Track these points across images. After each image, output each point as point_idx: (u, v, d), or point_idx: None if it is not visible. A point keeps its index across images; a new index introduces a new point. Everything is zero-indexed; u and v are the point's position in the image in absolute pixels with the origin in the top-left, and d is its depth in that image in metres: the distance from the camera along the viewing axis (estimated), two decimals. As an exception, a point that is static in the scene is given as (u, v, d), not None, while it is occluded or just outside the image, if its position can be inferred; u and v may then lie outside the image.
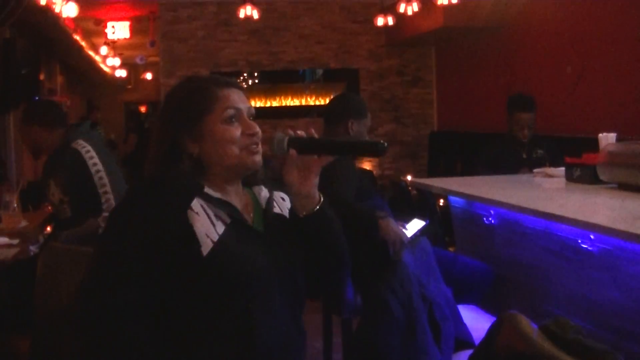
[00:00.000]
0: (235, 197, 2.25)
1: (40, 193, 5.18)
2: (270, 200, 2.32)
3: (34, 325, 3.30)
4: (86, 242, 3.56)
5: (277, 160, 2.25)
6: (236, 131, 2.19)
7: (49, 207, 5.80)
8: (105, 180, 4.51)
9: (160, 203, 2.07)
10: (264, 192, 2.35)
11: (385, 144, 2.09)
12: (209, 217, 2.10)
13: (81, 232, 4.47)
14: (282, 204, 2.35)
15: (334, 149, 2.18)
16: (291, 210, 2.27)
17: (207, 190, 2.16)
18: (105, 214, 4.50)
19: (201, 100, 2.20)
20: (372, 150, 2.14)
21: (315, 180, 2.19)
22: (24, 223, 5.18)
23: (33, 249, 4.68)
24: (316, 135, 2.17)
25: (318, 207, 2.21)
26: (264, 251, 2.15)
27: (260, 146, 2.22)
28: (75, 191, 4.53)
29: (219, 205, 2.14)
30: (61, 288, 2.95)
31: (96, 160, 4.53)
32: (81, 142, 4.59)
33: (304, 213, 2.21)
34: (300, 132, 2.17)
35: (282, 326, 2.15)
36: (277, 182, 2.36)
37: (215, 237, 2.07)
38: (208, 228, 2.07)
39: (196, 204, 2.11)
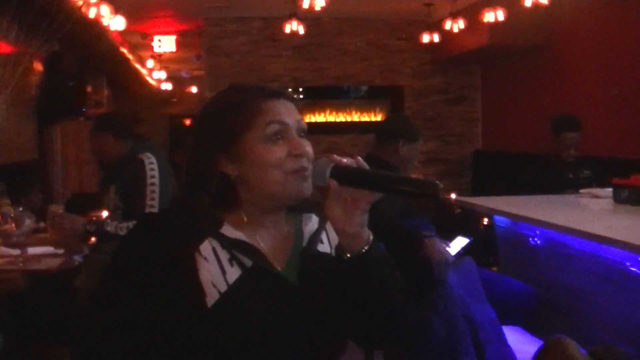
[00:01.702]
0: (273, 230, 1.95)
1: (86, 203, 5.22)
2: (315, 236, 1.99)
3: (74, 335, 3.32)
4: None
5: (318, 190, 1.90)
6: (280, 151, 1.86)
7: (93, 218, 5.85)
8: (156, 195, 4.56)
9: (165, 243, 1.80)
10: (311, 224, 2.02)
11: (441, 185, 1.74)
12: (220, 263, 1.81)
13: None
14: (334, 237, 1.99)
15: (382, 185, 1.79)
16: (336, 249, 1.88)
17: (225, 228, 1.85)
18: None
19: (239, 114, 1.88)
20: (425, 192, 1.74)
21: (363, 218, 1.81)
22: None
23: (77, 258, 4.72)
24: (365, 165, 1.81)
25: (366, 249, 1.83)
26: (288, 303, 1.84)
27: (309, 170, 1.87)
28: (130, 199, 4.60)
29: (238, 248, 1.84)
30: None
31: (155, 174, 4.60)
32: (149, 154, 4.68)
33: (348, 255, 1.83)
34: (347, 160, 1.81)
35: None
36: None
37: (224, 288, 1.78)
38: (216, 276, 1.79)
39: (206, 246, 1.81)
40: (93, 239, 5.10)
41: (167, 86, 18.42)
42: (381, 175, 1.80)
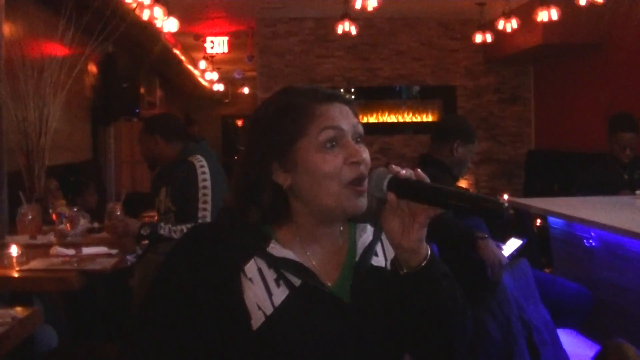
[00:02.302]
0: (326, 244, 1.84)
1: (139, 203, 5.27)
2: (369, 249, 1.87)
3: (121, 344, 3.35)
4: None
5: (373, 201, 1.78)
6: (336, 160, 1.73)
7: (146, 218, 5.91)
8: (209, 197, 4.57)
9: (211, 261, 1.72)
10: (366, 235, 1.88)
11: (507, 206, 1.61)
12: (266, 284, 1.72)
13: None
14: (388, 250, 1.89)
15: (443, 201, 1.66)
16: (392, 263, 1.77)
17: (272, 246, 1.75)
18: None
19: (291, 120, 1.75)
20: (490, 211, 1.61)
21: (421, 233, 1.68)
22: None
23: (130, 258, 4.76)
24: (425, 178, 1.68)
25: (424, 264, 1.71)
26: (339, 322, 1.74)
27: (366, 181, 1.74)
28: (182, 202, 4.63)
29: (285, 267, 1.74)
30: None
31: (207, 177, 4.61)
32: (199, 157, 4.69)
33: (405, 270, 1.72)
34: (406, 172, 1.68)
35: None
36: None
37: (269, 310, 1.69)
38: (261, 298, 1.70)
39: (252, 267, 1.73)
40: (147, 217, 5.16)
41: (220, 87, 18.57)
42: (442, 191, 1.68)
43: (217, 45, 13.67)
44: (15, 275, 3.93)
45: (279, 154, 1.75)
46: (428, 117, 12.46)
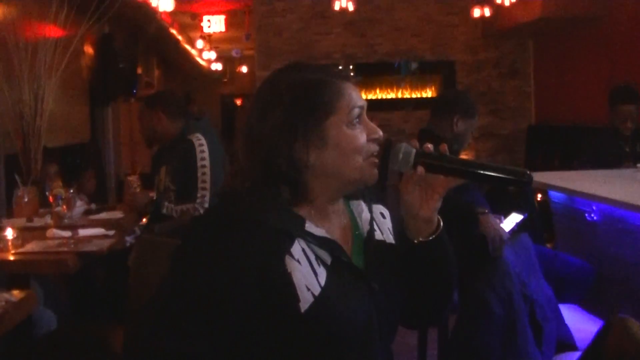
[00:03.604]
0: (337, 220, 1.89)
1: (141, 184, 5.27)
2: (372, 224, 1.94)
3: (126, 316, 3.32)
4: (179, 235, 3.57)
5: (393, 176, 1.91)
6: (362, 136, 1.80)
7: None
8: (207, 177, 4.57)
9: (250, 245, 1.69)
10: (365, 213, 1.96)
11: (530, 174, 1.75)
12: (311, 264, 1.73)
13: (175, 225, 4.51)
14: (382, 222, 1.99)
15: (470, 174, 1.79)
16: (400, 234, 1.92)
17: (308, 225, 1.77)
18: (197, 206, 4.56)
19: (324, 96, 1.79)
20: (515, 181, 1.77)
21: (439, 204, 1.83)
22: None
23: (129, 239, 4.74)
24: (447, 152, 1.81)
25: (438, 234, 1.86)
26: (366, 295, 1.80)
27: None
28: (181, 181, 4.61)
29: (322, 245, 1.76)
30: (153, 280, 2.94)
31: (205, 155, 4.60)
32: (199, 135, 4.69)
33: (420, 239, 1.86)
34: (429, 146, 1.81)
35: None
36: (372, 191, 2.00)
37: (317, 290, 1.71)
38: (309, 279, 1.71)
39: (297, 247, 1.72)
40: (144, 219, 5.15)
41: (218, 66, 18.55)
42: (468, 163, 1.82)
43: (214, 24, 13.63)
44: (11, 258, 3.91)
45: (309, 130, 1.77)
46: (427, 93, 12.40)
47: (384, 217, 2.01)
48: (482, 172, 1.78)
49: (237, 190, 1.84)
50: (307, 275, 1.71)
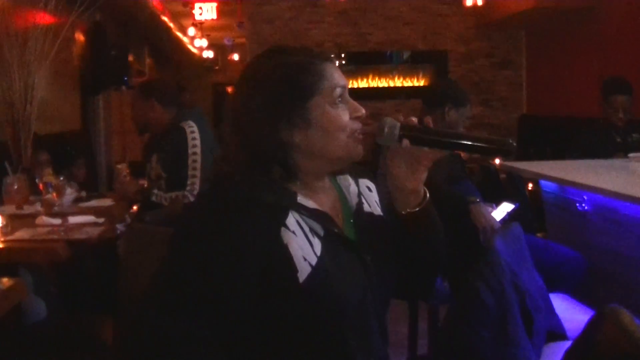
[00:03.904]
0: (325, 196, 1.95)
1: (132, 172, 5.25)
2: (360, 197, 2.02)
3: (117, 305, 3.31)
4: (170, 223, 3.56)
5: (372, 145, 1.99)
6: (345, 115, 1.86)
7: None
8: (198, 164, 4.57)
9: (249, 221, 1.75)
10: (352, 186, 2.02)
11: (514, 143, 1.81)
12: (306, 235, 1.79)
13: (165, 213, 4.50)
14: (369, 195, 2.05)
15: (454, 144, 1.86)
16: (387, 206, 1.99)
17: (300, 199, 1.83)
18: (187, 194, 4.55)
19: (307, 78, 1.84)
20: (498, 150, 1.85)
21: (425, 175, 1.89)
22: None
23: (120, 227, 4.72)
24: (432, 125, 1.87)
25: (424, 204, 1.92)
26: (359, 266, 1.87)
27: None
28: (173, 169, 4.60)
29: (314, 217, 1.83)
30: (143, 268, 2.92)
31: (197, 142, 4.60)
32: (191, 122, 4.69)
33: (407, 210, 1.91)
34: (413, 119, 1.86)
35: (377, 347, 1.92)
36: (357, 166, 2.05)
37: (314, 260, 1.76)
38: (306, 249, 1.77)
39: (291, 220, 1.79)
40: (135, 207, 5.14)
41: (209, 54, 18.50)
42: (451, 134, 1.89)
43: (206, 11, 13.55)
44: (0, 245, 3.89)
45: (293, 110, 1.83)
46: (419, 82, 12.41)
47: (370, 190, 2.08)
48: (465, 142, 1.84)
49: (228, 173, 1.87)
50: (303, 245, 1.77)
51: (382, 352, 1.94)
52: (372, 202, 2.05)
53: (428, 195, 1.94)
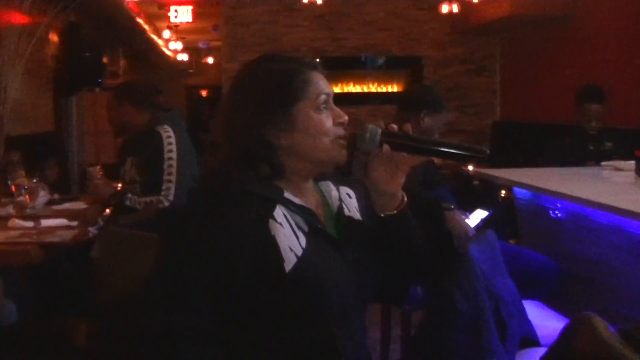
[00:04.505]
0: (309, 197, 2.05)
1: (107, 174, 5.21)
2: (341, 200, 2.13)
3: (91, 308, 3.29)
4: (144, 227, 3.55)
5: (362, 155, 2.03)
6: (328, 120, 1.98)
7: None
8: (173, 169, 4.54)
9: (240, 213, 1.86)
10: (334, 191, 2.15)
11: (487, 151, 1.97)
12: (292, 228, 1.90)
13: (139, 217, 4.48)
14: (349, 201, 2.16)
15: (432, 151, 1.98)
16: (367, 210, 2.10)
17: (287, 195, 1.95)
18: (162, 199, 4.52)
19: (293, 83, 1.96)
20: (474, 157, 2.01)
21: (403, 180, 2.02)
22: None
23: (92, 230, 4.69)
24: (410, 132, 1.99)
25: (403, 208, 2.05)
26: (342, 262, 1.97)
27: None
28: (148, 173, 4.57)
29: (300, 212, 1.95)
30: (118, 272, 2.93)
31: (173, 147, 4.57)
32: (167, 127, 4.66)
33: (386, 213, 2.04)
34: (394, 126, 1.99)
35: (359, 340, 2.03)
36: (338, 175, 2.17)
37: (300, 252, 1.87)
38: (292, 240, 1.88)
39: (278, 212, 1.90)
40: (108, 210, 5.11)
41: (184, 57, 18.44)
42: (431, 141, 2.03)
43: (182, 14, 13.52)
44: (-29, 248, 3.86)
45: (279, 114, 1.94)
46: (394, 88, 12.40)
47: (350, 197, 2.18)
48: (442, 149, 1.97)
49: (218, 171, 2.00)
50: (289, 237, 1.88)
51: (364, 345, 2.06)
52: (352, 208, 2.14)
53: (406, 199, 2.06)
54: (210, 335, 1.82)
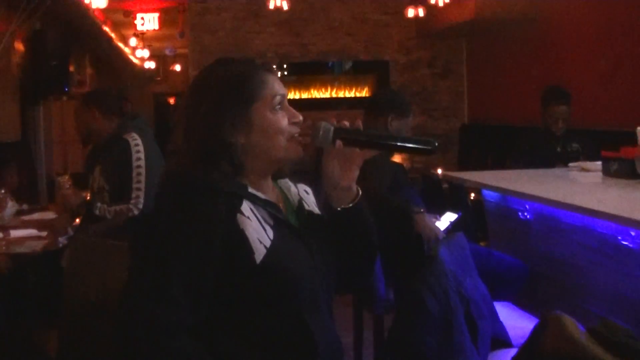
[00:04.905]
0: (270, 194, 2.13)
1: (75, 183, 5.18)
2: (300, 198, 2.24)
3: (61, 318, 3.27)
4: (114, 236, 3.53)
5: (309, 152, 2.15)
6: (283, 120, 2.08)
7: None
8: (142, 177, 4.51)
9: (208, 209, 1.92)
10: (293, 188, 2.26)
11: (437, 143, 2.06)
12: (259, 221, 1.98)
13: (109, 225, 4.46)
14: (307, 197, 2.27)
15: (382, 145, 2.13)
16: (325, 204, 2.18)
17: (251, 190, 2.03)
18: (131, 207, 4.49)
19: (248, 86, 2.05)
20: (423, 150, 2.08)
21: (356, 174, 2.11)
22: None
23: (62, 240, 4.67)
24: (362, 127, 2.10)
25: (357, 200, 2.14)
26: (307, 253, 2.06)
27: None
28: (116, 181, 4.55)
29: (264, 206, 2.03)
30: (89, 281, 2.91)
31: (141, 155, 4.55)
32: (134, 135, 4.64)
33: (342, 206, 2.13)
34: (346, 123, 2.09)
35: (329, 325, 2.11)
36: (296, 174, 2.27)
37: (268, 243, 1.95)
38: (260, 233, 1.96)
39: (245, 207, 1.97)
40: (78, 220, 5.07)
41: (151, 64, 18.40)
42: (380, 135, 2.18)
43: (148, 21, 13.49)
44: (-60, 259, 3.82)
45: (237, 115, 2.02)
46: (361, 92, 12.43)
47: (307, 193, 2.29)
48: (392, 142, 2.12)
49: (179, 171, 2.05)
50: (257, 229, 1.95)
51: (333, 332, 2.13)
52: (311, 203, 2.25)
53: (360, 192, 2.14)
54: (190, 329, 1.86)
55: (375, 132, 2.14)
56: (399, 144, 2.10)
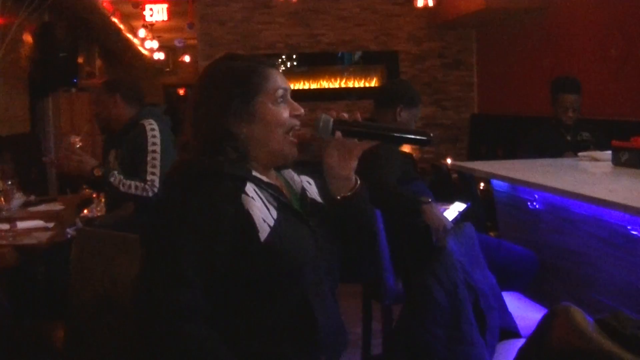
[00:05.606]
0: (274, 181, 2.22)
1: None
2: (303, 185, 2.33)
3: (68, 311, 3.26)
4: (121, 227, 3.51)
5: (316, 142, 2.22)
6: (285, 112, 2.19)
7: (86, 190, 5.80)
8: (157, 162, 4.50)
9: (215, 191, 2.03)
10: (296, 177, 2.36)
11: (432, 135, 2.12)
12: (263, 201, 2.08)
13: (116, 217, 4.44)
14: (309, 187, 2.36)
15: (380, 136, 2.21)
16: (326, 193, 2.28)
17: (255, 173, 2.13)
18: (147, 187, 4.44)
19: (252, 79, 2.17)
20: (418, 141, 2.18)
21: (355, 163, 2.21)
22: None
23: (70, 231, 4.65)
24: (360, 119, 2.18)
25: (356, 190, 2.23)
26: (309, 234, 2.15)
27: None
28: (131, 165, 4.54)
29: (268, 189, 2.13)
30: (96, 273, 2.90)
31: (157, 141, 4.55)
32: (151, 120, 4.65)
33: (342, 195, 2.23)
34: (345, 115, 2.18)
35: (333, 310, 2.19)
36: (299, 165, 2.37)
37: (272, 222, 2.05)
38: (264, 213, 2.05)
39: (250, 188, 2.07)
40: (85, 211, 5.06)
41: (160, 56, 18.38)
42: (378, 126, 2.30)
43: (157, 12, 13.46)
44: (-54, 251, 3.82)
45: (241, 107, 2.14)
46: (371, 83, 12.39)
47: (310, 184, 2.37)
48: (389, 133, 2.23)
49: (188, 159, 2.17)
50: (261, 209, 2.05)
51: (338, 317, 2.23)
52: (313, 193, 2.34)
53: (359, 181, 2.25)
54: (205, 313, 1.95)
55: (374, 123, 2.27)
56: (396, 134, 2.20)
